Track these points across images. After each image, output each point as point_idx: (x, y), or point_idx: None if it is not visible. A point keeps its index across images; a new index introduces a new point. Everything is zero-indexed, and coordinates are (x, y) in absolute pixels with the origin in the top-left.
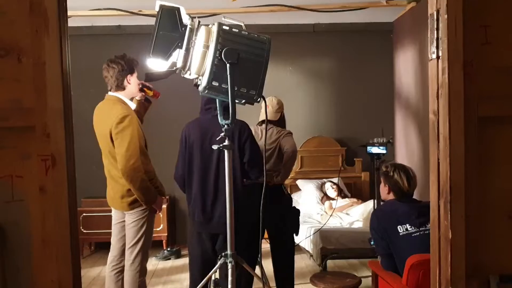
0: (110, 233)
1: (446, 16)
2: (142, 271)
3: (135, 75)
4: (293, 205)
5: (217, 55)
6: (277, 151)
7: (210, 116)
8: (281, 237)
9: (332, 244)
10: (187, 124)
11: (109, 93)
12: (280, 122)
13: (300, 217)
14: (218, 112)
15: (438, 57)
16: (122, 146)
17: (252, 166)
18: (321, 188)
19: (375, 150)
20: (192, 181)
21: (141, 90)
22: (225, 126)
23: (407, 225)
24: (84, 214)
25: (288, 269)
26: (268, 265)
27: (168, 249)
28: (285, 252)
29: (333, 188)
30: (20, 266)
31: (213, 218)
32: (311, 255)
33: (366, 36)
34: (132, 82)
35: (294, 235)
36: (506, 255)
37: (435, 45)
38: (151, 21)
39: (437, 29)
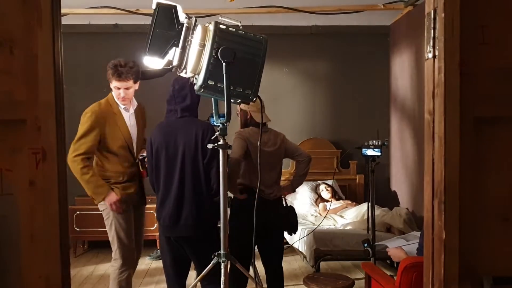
0: (103, 232)
1: (443, 15)
2: (122, 268)
3: (112, 85)
4: (285, 205)
5: (213, 54)
6: (281, 158)
7: (173, 118)
8: (273, 242)
9: (325, 245)
10: (153, 130)
11: None
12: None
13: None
14: (214, 111)
15: (434, 57)
16: (75, 138)
17: (212, 166)
18: (315, 189)
19: (370, 152)
20: (159, 185)
21: (141, 160)
22: (220, 125)
23: None
24: (78, 212)
25: (279, 272)
26: (261, 265)
27: None
28: (276, 256)
29: (327, 190)
30: (8, 261)
31: (179, 221)
32: (305, 256)
33: (363, 39)
34: (112, 89)
35: (292, 234)
36: (499, 257)
37: (432, 44)
38: (148, 20)
39: (434, 28)
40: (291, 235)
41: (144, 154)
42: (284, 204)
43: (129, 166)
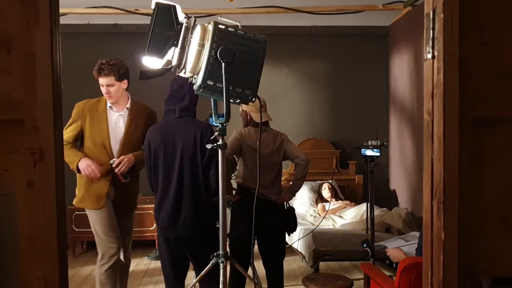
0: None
1: (442, 15)
2: (101, 262)
3: (99, 82)
4: (286, 206)
5: (212, 54)
6: (280, 159)
7: (171, 119)
8: (273, 242)
9: (324, 246)
10: (150, 129)
11: None
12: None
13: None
14: (213, 112)
15: (433, 57)
16: None
17: (211, 166)
18: (317, 189)
19: (369, 152)
20: (158, 185)
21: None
22: (220, 125)
23: None
24: (77, 212)
25: (278, 272)
26: (259, 265)
27: None
28: (276, 257)
29: (329, 189)
30: (6, 262)
31: (177, 221)
32: (304, 257)
33: (362, 40)
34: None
35: (290, 234)
36: (499, 258)
37: (431, 45)
38: (148, 20)
39: (433, 28)
40: (289, 235)
41: (115, 159)
42: (286, 206)
43: (101, 165)
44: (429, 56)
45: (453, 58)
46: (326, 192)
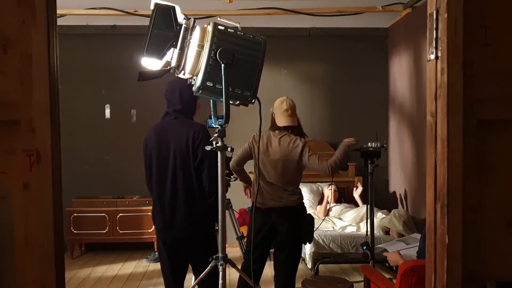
0: (101, 234)
1: (446, 15)
2: None
3: None
4: (308, 212)
5: (211, 55)
6: (292, 165)
7: (168, 120)
8: (280, 248)
9: (324, 248)
10: (148, 130)
11: None
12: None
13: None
14: (212, 113)
15: (437, 58)
16: None
17: (203, 169)
18: (318, 191)
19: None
20: (152, 187)
21: None
22: (219, 127)
23: None
24: (75, 214)
25: (284, 279)
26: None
27: None
28: (281, 264)
29: (335, 191)
30: (2, 265)
31: (174, 224)
32: (303, 259)
33: (361, 41)
34: None
35: (306, 243)
36: (504, 262)
37: (434, 45)
38: (147, 22)
39: (437, 28)
40: (305, 243)
41: None
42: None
43: None
44: (432, 56)
45: (457, 58)
46: (327, 192)
